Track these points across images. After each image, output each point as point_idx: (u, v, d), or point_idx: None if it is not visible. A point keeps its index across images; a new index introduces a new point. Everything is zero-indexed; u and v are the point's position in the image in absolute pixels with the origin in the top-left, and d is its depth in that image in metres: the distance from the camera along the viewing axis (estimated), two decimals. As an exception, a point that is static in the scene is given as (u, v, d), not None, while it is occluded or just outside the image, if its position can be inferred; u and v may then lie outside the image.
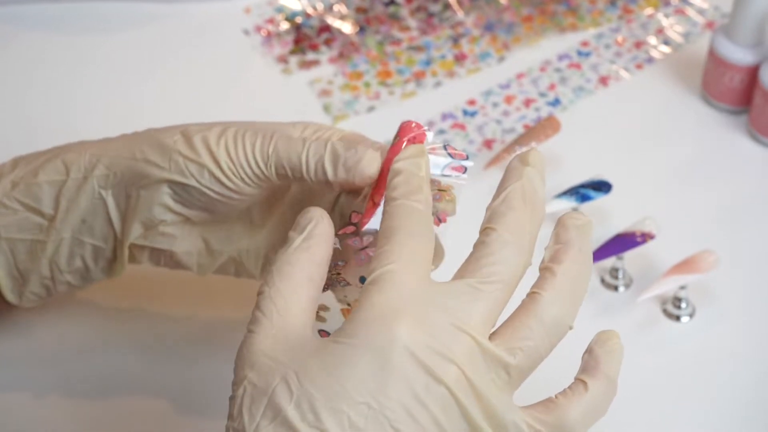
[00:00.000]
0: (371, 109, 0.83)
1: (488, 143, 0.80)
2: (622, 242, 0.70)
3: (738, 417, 0.64)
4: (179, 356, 0.66)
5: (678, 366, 0.66)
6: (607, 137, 0.81)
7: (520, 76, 0.85)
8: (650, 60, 0.87)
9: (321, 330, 0.51)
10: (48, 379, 0.65)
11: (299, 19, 0.90)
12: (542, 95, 0.84)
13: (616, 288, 0.70)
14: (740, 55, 0.79)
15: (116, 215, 0.59)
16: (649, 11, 0.90)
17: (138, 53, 0.87)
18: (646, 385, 0.65)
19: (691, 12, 0.90)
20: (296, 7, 0.91)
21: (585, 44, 0.88)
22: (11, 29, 0.89)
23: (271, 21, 0.90)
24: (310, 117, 0.78)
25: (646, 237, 0.70)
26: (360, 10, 0.90)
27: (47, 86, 0.85)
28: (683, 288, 0.68)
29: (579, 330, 0.49)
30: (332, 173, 0.55)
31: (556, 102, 0.83)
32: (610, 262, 0.70)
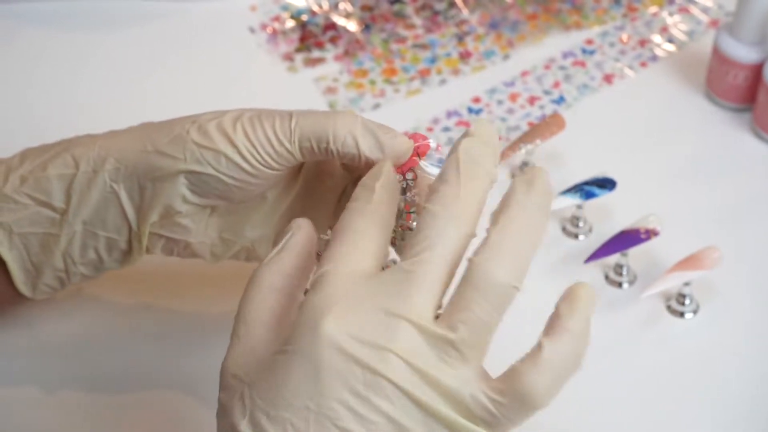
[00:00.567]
0: (376, 107, 0.83)
1: (493, 140, 0.80)
2: (626, 239, 0.70)
3: (742, 413, 0.64)
4: (186, 350, 0.66)
5: (682, 362, 0.67)
6: (612, 135, 0.81)
7: (525, 74, 0.86)
8: (654, 58, 0.87)
9: None
10: (54, 373, 0.65)
11: (305, 17, 0.90)
12: (547, 93, 0.84)
13: (620, 285, 0.71)
14: (744, 53, 0.79)
15: (130, 207, 0.59)
16: (654, 9, 0.91)
17: (143, 50, 0.87)
18: (650, 382, 0.65)
19: (696, 10, 0.90)
20: (302, 5, 0.91)
21: (589, 42, 0.88)
22: (14, 26, 0.89)
23: (277, 19, 0.90)
24: (316, 114, 0.79)
25: (650, 234, 0.70)
26: (365, 8, 0.90)
27: (51, 84, 0.84)
28: (687, 285, 0.68)
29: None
30: (366, 146, 0.54)
31: (561, 100, 0.84)
32: (614, 259, 0.71)
